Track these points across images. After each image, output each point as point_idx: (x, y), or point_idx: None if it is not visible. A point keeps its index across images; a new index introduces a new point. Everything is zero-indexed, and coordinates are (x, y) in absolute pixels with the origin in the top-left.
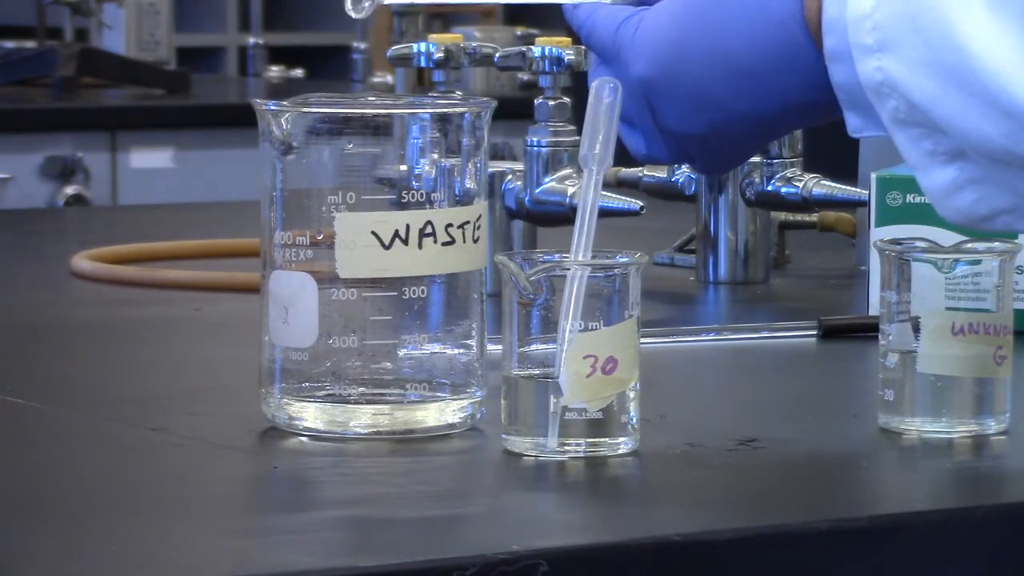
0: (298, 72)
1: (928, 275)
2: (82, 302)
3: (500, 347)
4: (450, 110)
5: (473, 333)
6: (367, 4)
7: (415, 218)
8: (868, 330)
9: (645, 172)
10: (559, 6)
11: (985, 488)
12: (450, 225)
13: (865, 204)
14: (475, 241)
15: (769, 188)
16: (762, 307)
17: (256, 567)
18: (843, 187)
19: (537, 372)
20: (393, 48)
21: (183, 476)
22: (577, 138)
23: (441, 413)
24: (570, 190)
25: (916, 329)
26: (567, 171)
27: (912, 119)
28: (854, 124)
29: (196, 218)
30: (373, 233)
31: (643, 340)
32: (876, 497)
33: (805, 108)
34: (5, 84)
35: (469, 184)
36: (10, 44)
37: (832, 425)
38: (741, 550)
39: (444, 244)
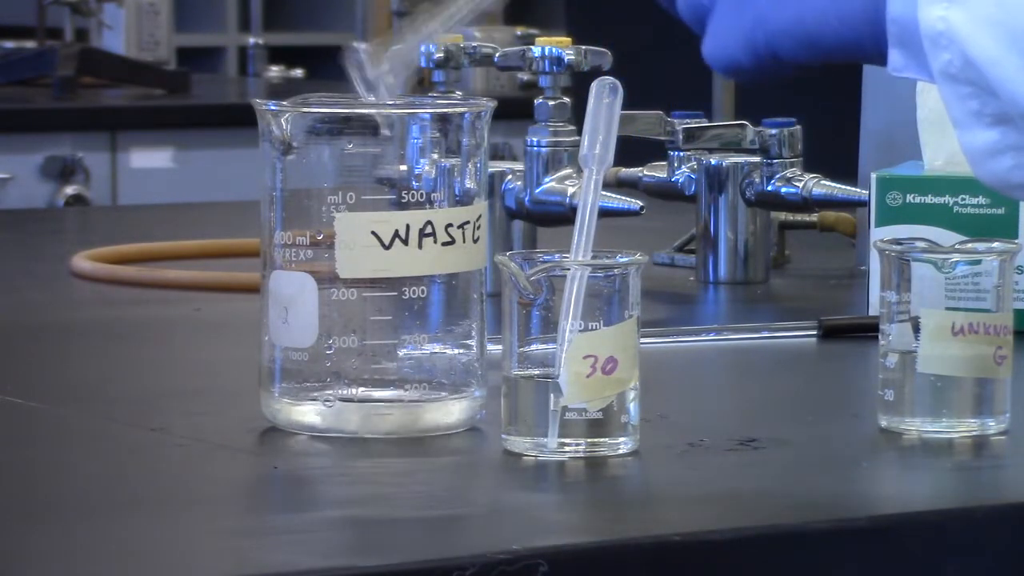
0: (298, 72)
1: (928, 275)
2: (82, 302)
3: (500, 347)
4: (450, 110)
5: (473, 333)
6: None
7: (415, 218)
8: (868, 330)
9: (645, 172)
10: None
11: (985, 488)
12: (450, 225)
13: (865, 204)
14: (475, 241)
15: (769, 188)
16: (762, 307)
17: (256, 567)
18: (843, 187)
19: (537, 372)
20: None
21: (183, 476)
22: (577, 138)
23: (441, 413)
24: (570, 190)
25: (916, 329)
26: (567, 171)
27: (964, 76)
28: (897, 63)
29: (196, 218)
30: (373, 233)
31: (643, 340)
32: (876, 497)
33: (846, 41)
34: (5, 84)
35: (469, 184)
36: (10, 44)
37: (832, 425)
38: (741, 550)
39: (444, 244)
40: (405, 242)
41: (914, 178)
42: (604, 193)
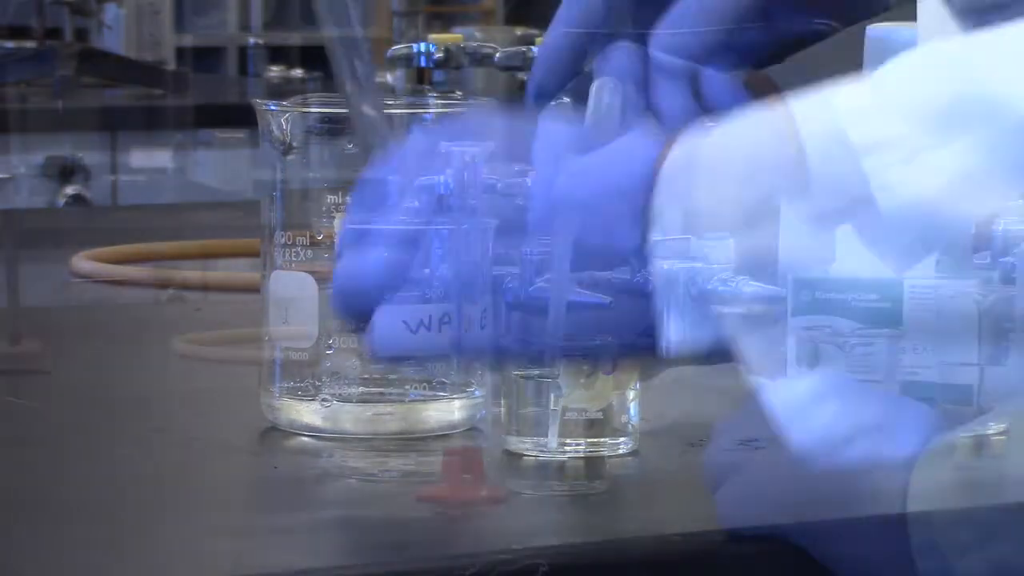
0: (298, 72)
1: None
2: (82, 302)
3: None
4: (450, 110)
5: None
6: None
7: None
8: None
9: None
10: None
11: (985, 488)
12: None
13: None
14: None
15: None
16: None
17: (256, 567)
18: None
19: (537, 372)
20: (393, 48)
21: (183, 476)
22: None
23: (441, 413)
24: None
25: None
26: None
27: None
28: None
29: (196, 218)
30: None
31: None
32: (875, 497)
33: None
34: (5, 84)
35: None
36: (10, 44)
37: None
38: (741, 550)
39: None
40: None
41: None
42: None
